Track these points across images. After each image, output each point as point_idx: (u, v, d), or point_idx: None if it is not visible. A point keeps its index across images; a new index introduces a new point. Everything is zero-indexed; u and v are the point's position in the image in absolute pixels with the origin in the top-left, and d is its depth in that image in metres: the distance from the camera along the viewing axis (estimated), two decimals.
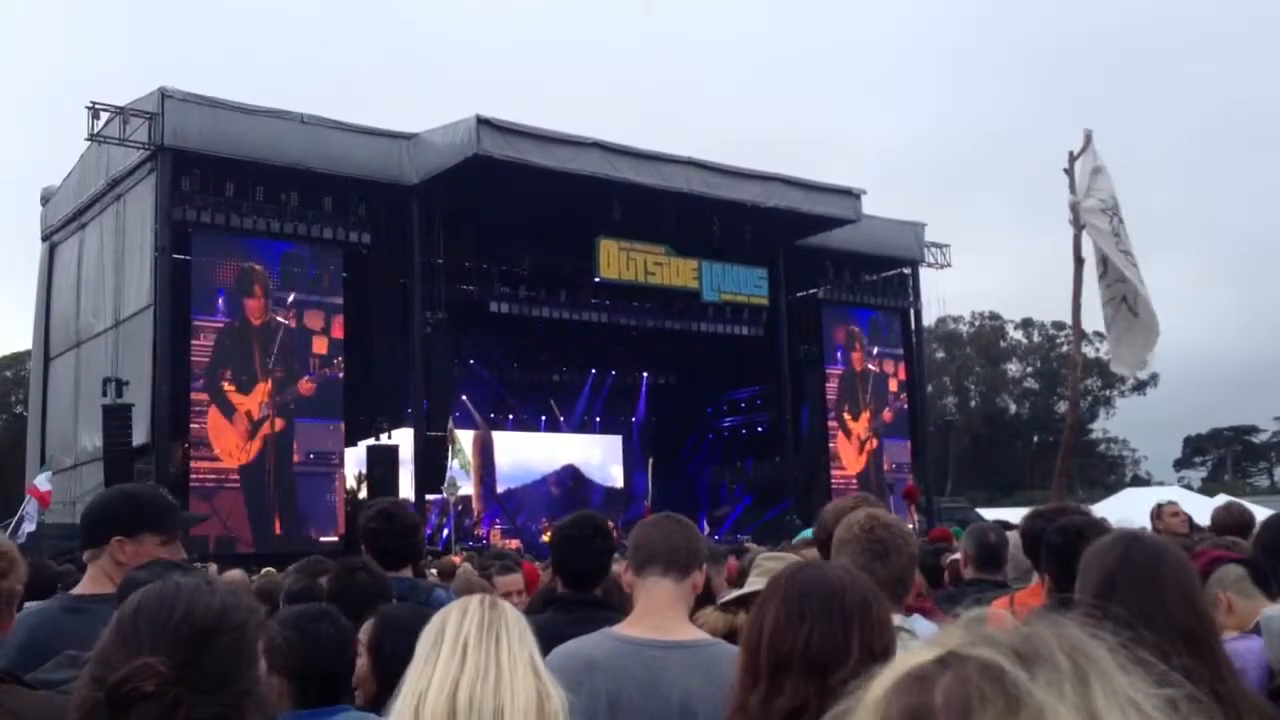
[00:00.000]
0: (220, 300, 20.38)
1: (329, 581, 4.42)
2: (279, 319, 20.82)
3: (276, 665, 1.50)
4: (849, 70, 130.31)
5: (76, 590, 3.03)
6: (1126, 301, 7.15)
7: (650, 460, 29.23)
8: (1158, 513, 7.59)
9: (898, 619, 2.40)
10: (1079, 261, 7.25)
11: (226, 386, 20.11)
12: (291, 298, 21.01)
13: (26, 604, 5.37)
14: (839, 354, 28.49)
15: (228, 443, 20.01)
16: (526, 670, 2.08)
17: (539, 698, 2.06)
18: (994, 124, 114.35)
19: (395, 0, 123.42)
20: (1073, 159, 7.41)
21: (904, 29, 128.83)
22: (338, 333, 21.46)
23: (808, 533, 5.43)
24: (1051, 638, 0.76)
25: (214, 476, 19.81)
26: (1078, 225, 7.26)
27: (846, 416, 28.32)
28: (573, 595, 3.60)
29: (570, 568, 3.66)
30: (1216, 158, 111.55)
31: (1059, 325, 67.37)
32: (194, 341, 19.89)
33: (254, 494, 20.05)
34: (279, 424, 20.59)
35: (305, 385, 20.94)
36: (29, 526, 15.70)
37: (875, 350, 29.04)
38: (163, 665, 1.35)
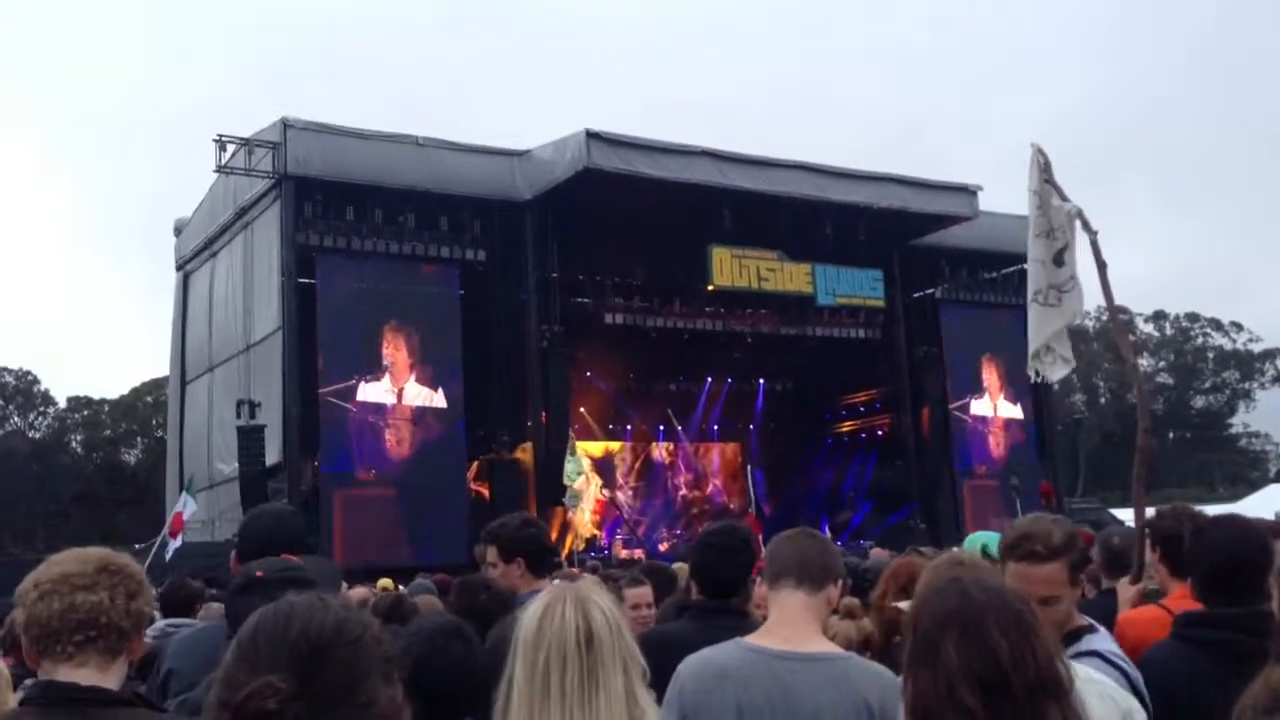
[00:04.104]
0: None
1: (453, 602, 4.46)
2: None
3: (400, 678, 1.51)
4: (985, 54, 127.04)
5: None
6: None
7: (751, 471, 28.77)
8: None
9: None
10: (1103, 265, 6.94)
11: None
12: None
13: (173, 622, 5.56)
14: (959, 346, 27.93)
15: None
16: (622, 710, 2.15)
17: None
18: (1140, 107, 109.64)
19: (506, 7, 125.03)
20: (1046, 170, 7.14)
21: (1044, 6, 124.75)
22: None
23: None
24: None
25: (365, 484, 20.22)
26: (1090, 229, 6.97)
27: (972, 399, 27.73)
28: (707, 604, 3.56)
29: (709, 575, 3.62)
30: None
31: (1193, 317, 64.98)
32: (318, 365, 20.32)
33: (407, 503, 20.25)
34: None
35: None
36: (175, 544, 16.40)
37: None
38: (282, 682, 1.34)
